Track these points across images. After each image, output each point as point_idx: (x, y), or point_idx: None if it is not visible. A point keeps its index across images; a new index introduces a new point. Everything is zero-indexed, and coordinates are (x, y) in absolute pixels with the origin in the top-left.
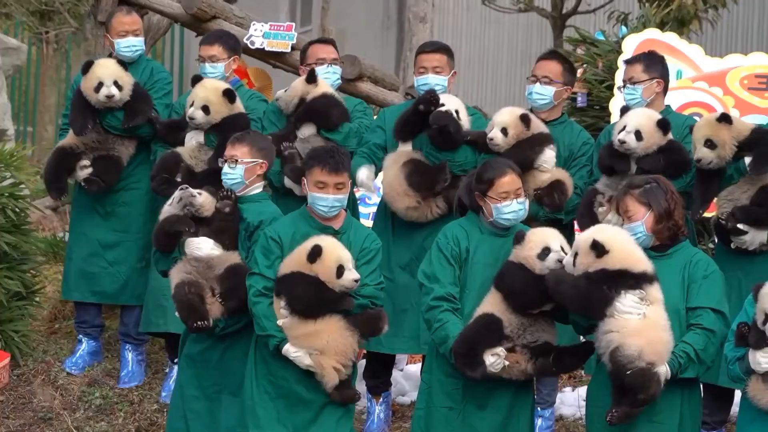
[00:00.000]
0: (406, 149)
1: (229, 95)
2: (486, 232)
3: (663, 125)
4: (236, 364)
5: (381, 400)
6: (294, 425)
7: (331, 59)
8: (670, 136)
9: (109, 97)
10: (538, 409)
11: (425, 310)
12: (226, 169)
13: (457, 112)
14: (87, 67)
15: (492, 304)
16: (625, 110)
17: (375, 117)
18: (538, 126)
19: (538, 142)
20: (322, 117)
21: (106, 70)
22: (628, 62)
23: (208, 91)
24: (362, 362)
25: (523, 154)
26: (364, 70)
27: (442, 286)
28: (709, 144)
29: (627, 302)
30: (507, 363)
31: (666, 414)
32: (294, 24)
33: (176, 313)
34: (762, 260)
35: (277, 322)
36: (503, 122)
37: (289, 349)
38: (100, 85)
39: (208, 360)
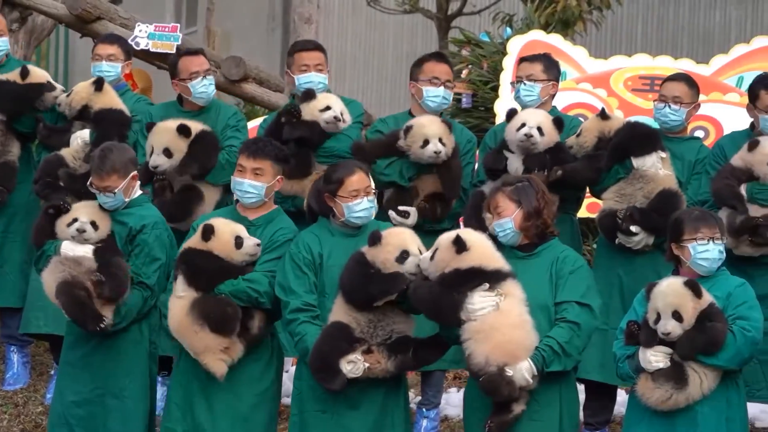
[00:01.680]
0: None
1: (96, 84)
2: (338, 234)
3: (558, 124)
4: (119, 367)
5: None
6: (213, 414)
7: (204, 71)
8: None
9: (63, 91)
10: (424, 409)
11: (285, 324)
12: (104, 198)
13: (342, 114)
14: (26, 72)
15: (342, 303)
16: (512, 113)
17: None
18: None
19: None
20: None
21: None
22: (527, 60)
23: (82, 82)
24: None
25: (455, 166)
26: (249, 71)
27: (298, 297)
28: (579, 133)
29: (475, 299)
30: (367, 365)
31: (546, 411)
32: (179, 25)
33: (66, 315)
34: (644, 260)
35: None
36: (438, 133)
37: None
38: (51, 84)
39: (89, 364)
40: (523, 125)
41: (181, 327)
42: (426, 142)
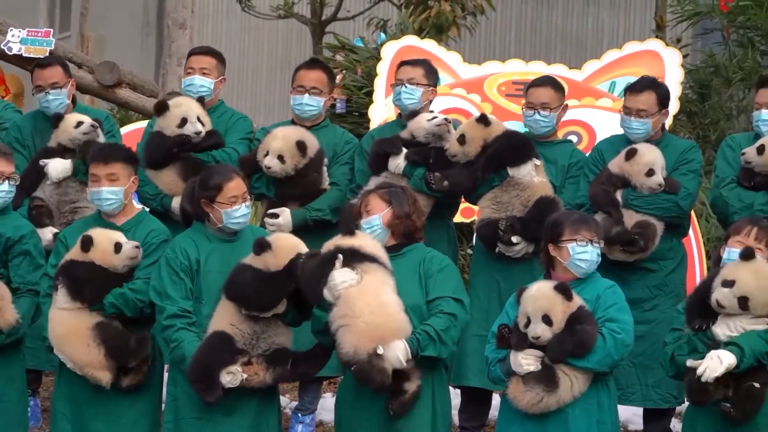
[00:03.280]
0: None
1: None
2: (214, 239)
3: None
4: (12, 372)
5: None
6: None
7: (50, 84)
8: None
9: None
10: (299, 415)
11: (160, 330)
12: (7, 186)
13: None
14: None
15: (224, 315)
16: (413, 114)
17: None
18: (314, 146)
19: (319, 163)
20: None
21: None
22: (408, 63)
23: None
24: None
25: (311, 181)
26: (123, 76)
27: (174, 303)
28: (461, 139)
29: (336, 275)
30: (245, 376)
31: (419, 408)
32: (52, 30)
33: None
34: (522, 266)
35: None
36: (279, 149)
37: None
38: None
39: None
40: (435, 117)
41: (68, 337)
42: (266, 154)
